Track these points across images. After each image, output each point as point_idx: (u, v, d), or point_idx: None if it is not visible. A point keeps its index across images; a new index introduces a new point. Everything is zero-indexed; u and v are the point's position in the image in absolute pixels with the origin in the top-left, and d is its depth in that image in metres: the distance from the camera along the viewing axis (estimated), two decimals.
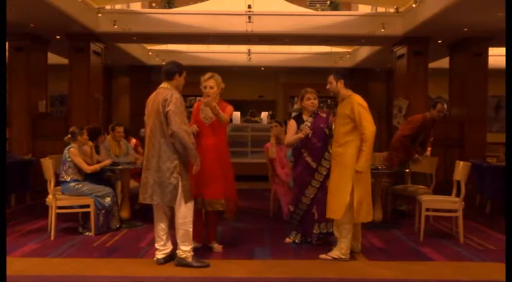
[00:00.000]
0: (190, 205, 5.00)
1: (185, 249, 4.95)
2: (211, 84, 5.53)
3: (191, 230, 4.97)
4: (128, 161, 7.24)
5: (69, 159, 6.39)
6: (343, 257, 5.24)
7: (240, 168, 10.68)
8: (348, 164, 5.17)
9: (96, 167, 6.50)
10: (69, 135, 6.56)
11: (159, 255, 5.12)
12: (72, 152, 6.40)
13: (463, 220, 6.17)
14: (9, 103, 10.44)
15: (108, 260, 5.30)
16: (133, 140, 8.49)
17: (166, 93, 4.97)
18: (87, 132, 6.66)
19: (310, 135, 5.70)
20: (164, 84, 5.12)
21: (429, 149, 7.95)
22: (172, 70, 5.15)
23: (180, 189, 4.90)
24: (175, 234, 4.99)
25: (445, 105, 7.42)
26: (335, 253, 5.27)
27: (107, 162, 6.69)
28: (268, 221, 7.37)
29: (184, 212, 4.93)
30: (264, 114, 14.27)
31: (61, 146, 9.81)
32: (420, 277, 4.77)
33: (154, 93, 5.17)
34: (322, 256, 5.29)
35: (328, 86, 5.51)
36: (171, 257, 5.04)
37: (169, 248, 5.10)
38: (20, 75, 10.57)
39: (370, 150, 5.15)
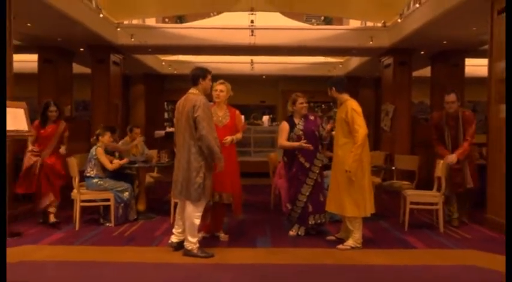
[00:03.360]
0: (204, 201, 4.97)
1: (191, 241, 4.90)
2: (221, 88, 5.59)
3: (197, 223, 4.92)
4: (144, 160, 7.24)
5: (95, 157, 6.43)
6: (358, 245, 5.25)
7: (244, 166, 10.68)
8: (346, 169, 5.11)
9: (116, 165, 6.52)
10: (95, 137, 6.60)
11: (174, 238, 5.12)
12: (98, 151, 6.44)
13: (443, 212, 6.17)
14: (38, 108, 10.46)
15: (126, 247, 5.32)
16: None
17: (195, 99, 4.86)
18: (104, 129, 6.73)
19: (310, 148, 5.67)
20: (192, 90, 5.02)
21: (460, 151, 6.31)
22: (196, 75, 5.04)
23: (203, 187, 4.86)
24: (185, 225, 4.98)
25: (451, 95, 6.40)
26: (351, 242, 5.26)
27: (125, 160, 6.71)
28: (269, 213, 7.38)
29: (197, 206, 4.89)
30: (265, 118, 14.30)
31: (84, 147, 9.86)
32: (405, 263, 4.78)
33: (184, 98, 5.05)
34: (340, 246, 5.26)
35: (328, 94, 5.53)
36: (182, 244, 5.01)
37: (184, 236, 5.03)
38: (48, 83, 10.61)
39: (359, 152, 5.06)
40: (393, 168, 7.76)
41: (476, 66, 11.37)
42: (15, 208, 6.40)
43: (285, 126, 5.88)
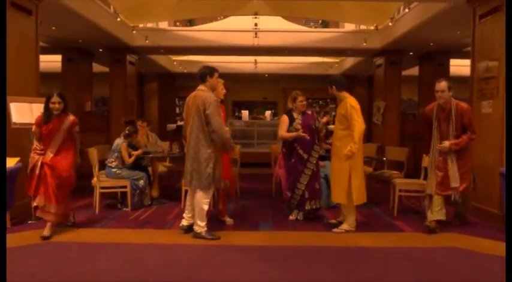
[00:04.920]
0: (212, 189, 5.00)
1: (200, 224, 4.91)
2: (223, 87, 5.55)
3: (206, 208, 4.93)
4: (155, 150, 7.26)
5: (119, 150, 6.45)
6: (352, 229, 5.27)
7: (248, 157, 10.75)
8: (344, 156, 5.07)
9: (133, 158, 6.53)
10: (126, 132, 6.59)
11: (185, 222, 5.14)
12: (123, 146, 6.45)
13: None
14: None
15: (141, 230, 5.34)
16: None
17: (205, 95, 4.84)
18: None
19: (307, 138, 5.66)
20: (201, 87, 4.98)
21: (455, 141, 5.20)
22: (204, 73, 5.00)
23: (212, 177, 4.87)
24: (194, 211, 5.00)
25: (441, 83, 5.32)
26: (345, 226, 5.28)
27: (139, 152, 6.72)
28: (270, 200, 7.38)
29: (206, 193, 4.91)
30: (268, 113, 14.32)
31: (104, 138, 9.91)
32: (393, 245, 4.79)
33: (193, 94, 4.99)
34: (336, 230, 5.27)
35: (329, 91, 5.46)
36: (192, 227, 5.03)
37: (193, 220, 5.04)
38: (70, 81, 10.67)
39: (357, 144, 4.99)
40: (384, 159, 7.77)
41: (459, 66, 11.35)
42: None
43: (285, 119, 5.86)
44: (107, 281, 3.68)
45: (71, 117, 5.14)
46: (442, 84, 5.30)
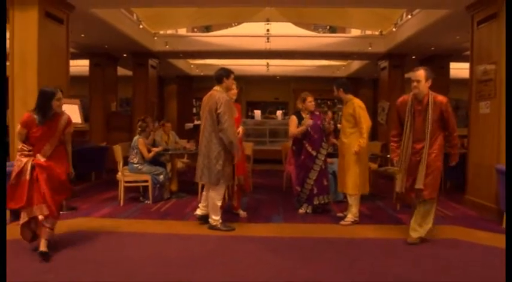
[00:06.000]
0: (224, 185, 4.99)
1: (215, 218, 4.93)
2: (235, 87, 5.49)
3: (219, 204, 4.94)
4: (175, 148, 7.33)
5: (137, 147, 6.51)
6: (356, 219, 5.30)
7: (260, 154, 10.77)
8: (354, 151, 5.17)
9: (153, 154, 6.59)
10: (140, 129, 6.65)
11: (199, 211, 5.19)
12: (140, 142, 6.50)
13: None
14: (89, 105, 10.66)
15: (162, 221, 5.39)
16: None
17: (218, 95, 4.82)
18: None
19: (311, 124, 5.67)
20: (216, 87, 4.96)
21: (454, 152, 4.47)
22: (220, 75, 4.98)
23: (222, 174, 4.86)
24: (208, 205, 5.03)
25: (417, 72, 4.38)
26: (350, 217, 5.29)
27: (160, 148, 6.78)
28: (281, 194, 7.37)
29: (218, 190, 4.92)
30: (279, 112, 14.31)
31: (127, 136, 9.99)
32: (396, 237, 4.78)
33: (209, 94, 4.98)
34: (343, 222, 5.27)
35: (334, 93, 5.52)
36: (206, 217, 5.06)
37: (207, 210, 5.09)
38: (97, 84, 10.77)
39: (365, 139, 5.15)
40: (388, 156, 7.72)
41: (459, 69, 11.24)
42: (73, 186, 6.52)
43: (293, 118, 5.87)
44: (133, 266, 3.74)
45: (66, 116, 4.15)
46: (418, 73, 4.36)
